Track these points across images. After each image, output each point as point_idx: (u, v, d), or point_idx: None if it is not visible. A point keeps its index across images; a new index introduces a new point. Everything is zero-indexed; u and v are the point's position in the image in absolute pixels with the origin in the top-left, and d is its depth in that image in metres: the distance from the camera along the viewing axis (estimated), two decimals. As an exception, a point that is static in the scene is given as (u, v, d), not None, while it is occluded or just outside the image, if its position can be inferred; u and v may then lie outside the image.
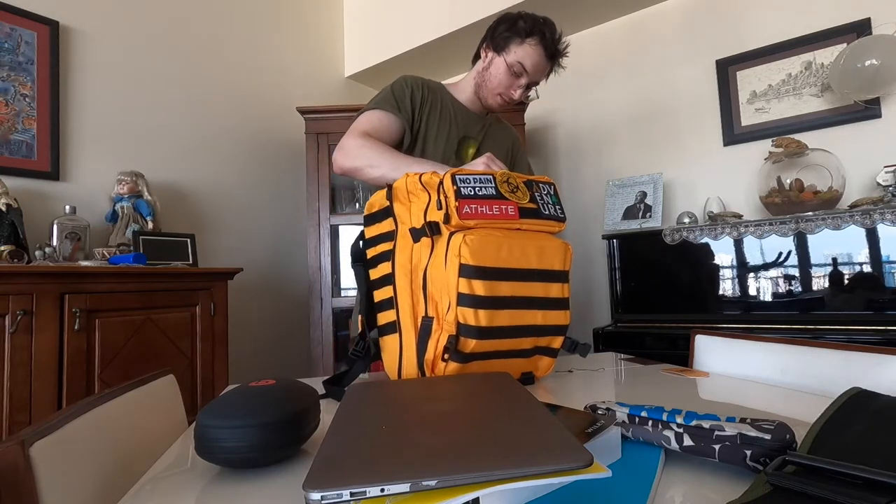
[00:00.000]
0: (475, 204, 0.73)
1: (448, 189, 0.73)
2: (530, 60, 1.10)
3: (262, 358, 2.49)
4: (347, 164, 1.02)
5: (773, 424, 0.42)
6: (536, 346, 0.78)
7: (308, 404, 0.53)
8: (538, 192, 0.81)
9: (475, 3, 2.47)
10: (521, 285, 0.73)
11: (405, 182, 0.78)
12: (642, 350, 1.89)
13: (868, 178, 1.86)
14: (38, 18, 1.82)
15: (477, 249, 0.69)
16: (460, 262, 0.69)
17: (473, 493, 0.31)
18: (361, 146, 1.01)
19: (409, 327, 0.75)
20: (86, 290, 1.47)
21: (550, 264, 0.77)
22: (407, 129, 1.10)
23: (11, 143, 1.73)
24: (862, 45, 1.79)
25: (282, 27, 2.74)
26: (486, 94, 1.16)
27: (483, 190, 0.75)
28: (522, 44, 1.09)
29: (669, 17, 2.38)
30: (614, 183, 2.33)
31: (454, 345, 0.69)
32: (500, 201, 0.75)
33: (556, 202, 0.83)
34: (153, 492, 0.47)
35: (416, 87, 1.13)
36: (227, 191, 2.41)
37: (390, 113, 1.08)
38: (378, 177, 0.98)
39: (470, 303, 0.69)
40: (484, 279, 0.69)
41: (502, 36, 1.11)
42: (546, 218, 0.80)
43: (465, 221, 0.71)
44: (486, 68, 1.14)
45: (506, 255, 0.72)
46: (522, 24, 1.09)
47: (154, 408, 0.76)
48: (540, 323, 0.76)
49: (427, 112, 1.13)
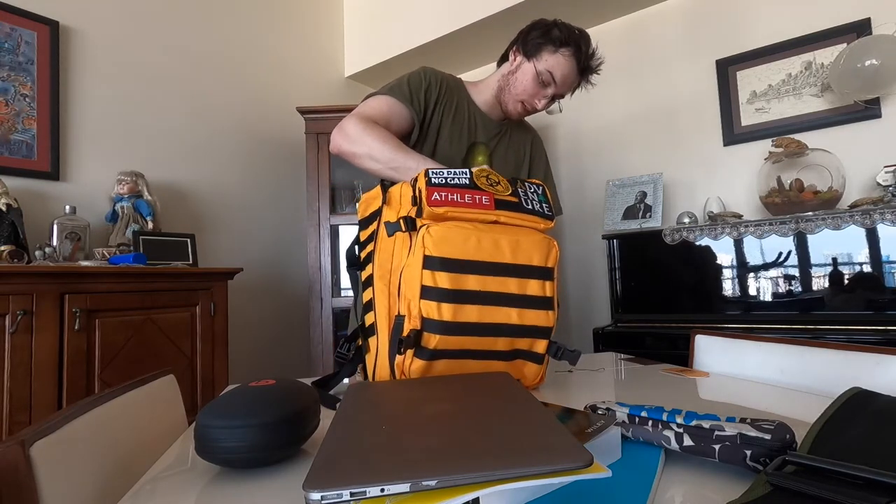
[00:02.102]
0: (445, 192, 0.70)
1: (421, 184, 0.71)
2: (561, 71, 1.04)
3: (262, 358, 2.49)
4: (346, 148, 0.96)
5: (773, 424, 0.42)
6: (515, 348, 0.73)
7: (308, 404, 0.53)
8: (523, 188, 0.78)
9: (475, 3, 2.47)
10: (491, 279, 0.69)
11: (400, 189, 0.76)
12: (642, 350, 1.88)
13: (868, 178, 1.86)
14: (38, 18, 1.82)
15: (440, 240, 0.66)
16: (424, 253, 0.66)
17: (473, 493, 0.31)
18: (364, 131, 0.95)
19: (384, 328, 0.72)
20: (86, 290, 1.47)
21: (528, 259, 0.72)
22: (417, 123, 1.05)
23: (11, 143, 1.73)
24: (862, 45, 1.79)
25: (282, 27, 2.74)
26: (508, 98, 1.10)
27: (456, 180, 0.73)
28: (555, 53, 1.04)
29: (669, 17, 2.38)
30: (614, 183, 2.33)
31: (416, 339, 0.65)
32: (474, 191, 0.73)
33: (544, 201, 0.79)
34: (153, 492, 0.47)
35: (434, 83, 1.07)
36: (227, 191, 2.41)
37: (401, 102, 1.02)
38: (374, 170, 0.94)
39: (433, 296, 0.66)
40: (448, 271, 0.66)
41: (535, 42, 1.05)
42: (528, 212, 0.76)
43: (434, 209, 0.69)
44: (513, 72, 1.09)
45: (474, 246, 0.68)
46: (557, 32, 1.04)
47: (154, 408, 0.76)
48: (515, 322, 0.71)
49: (442, 111, 1.08)
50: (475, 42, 2.68)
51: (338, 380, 0.80)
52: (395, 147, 0.93)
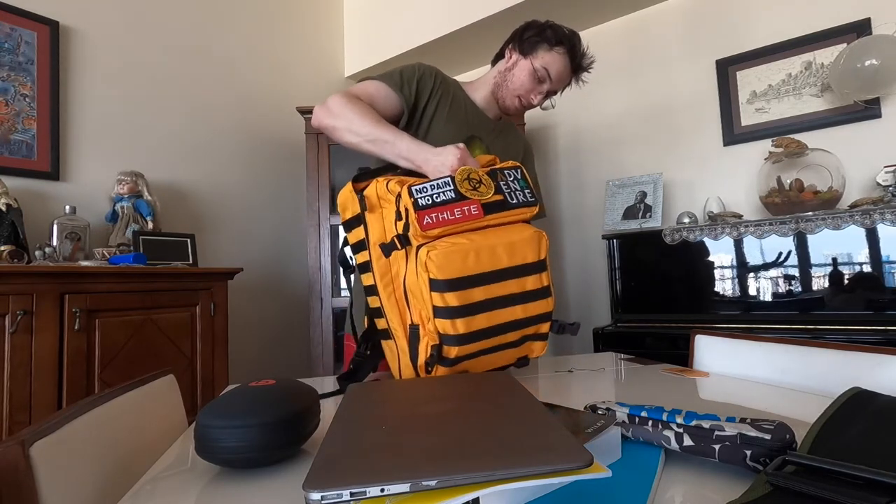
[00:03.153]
0: (435, 212, 0.72)
1: (406, 202, 0.72)
2: (556, 68, 1.09)
3: (262, 358, 2.49)
4: (327, 122, 0.96)
5: (773, 424, 0.42)
6: (524, 335, 0.78)
7: (308, 404, 0.53)
8: (503, 179, 0.80)
9: (475, 3, 2.47)
10: (494, 286, 0.73)
11: (375, 189, 0.78)
12: (642, 350, 1.88)
13: (868, 178, 1.86)
14: (38, 18, 1.82)
15: (442, 264, 0.69)
16: (429, 276, 0.69)
17: (473, 493, 0.31)
18: (346, 105, 0.94)
19: (401, 334, 0.77)
20: (86, 290, 1.47)
21: (523, 258, 0.75)
22: (406, 110, 1.04)
23: (11, 143, 1.73)
24: (862, 45, 1.79)
25: (282, 27, 2.74)
26: (506, 94, 1.13)
27: (441, 196, 0.74)
28: (551, 50, 1.08)
29: (669, 17, 2.38)
30: (614, 183, 2.33)
31: (438, 352, 0.71)
32: (461, 203, 0.74)
33: (525, 186, 0.81)
34: (153, 492, 0.47)
35: (429, 76, 1.08)
36: (227, 191, 2.41)
37: (390, 87, 1.03)
38: (353, 143, 0.94)
39: (446, 314, 0.69)
40: (455, 290, 0.69)
41: (531, 40, 1.10)
42: (514, 207, 0.78)
43: (428, 232, 0.71)
44: (510, 69, 1.12)
45: (473, 262, 0.71)
46: (551, 32, 1.09)
47: (154, 408, 0.76)
48: (521, 317, 0.75)
49: (437, 101, 1.09)
50: (475, 42, 2.68)
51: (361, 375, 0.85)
52: (375, 121, 0.93)
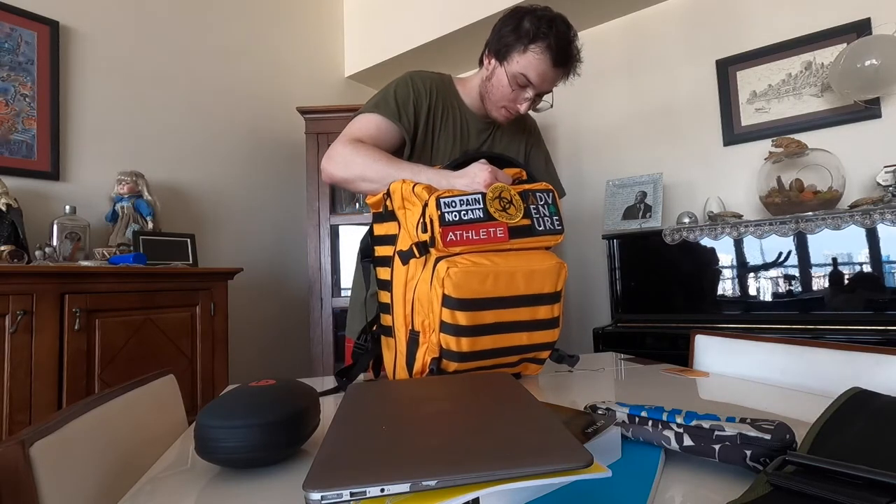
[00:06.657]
0: (460, 230, 0.71)
1: (432, 213, 0.71)
2: (534, 71, 0.97)
3: (262, 358, 2.49)
4: (338, 175, 0.94)
5: (773, 424, 0.42)
6: (523, 359, 0.79)
7: (308, 404, 0.53)
8: (534, 203, 0.78)
9: (475, 4, 2.46)
10: (506, 311, 0.72)
11: (401, 187, 0.77)
12: (642, 350, 1.88)
13: (868, 178, 1.86)
14: (38, 18, 1.82)
15: (461, 283, 0.68)
16: (444, 292, 0.68)
17: (473, 493, 0.31)
18: (350, 154, 0.92)
19: (402, 336, 0.76)
20: (86, 290, 1.47)
21: (540, 288, 0.74)
22: (407, 139, 1.01)
23: (11, 143, 1.73)
24: (862, 45, 1.79)
25: (282, 27, 2.74)
26: (490, 106, 1.05)
27: (469, 213, 0.72)
28: (525, 52, 0.96)
29: (669, 17, 2.38)
30: (614, 183, 2.33)
31: (437, 366, 0.71)
32: (488, 224, 0.72)
33: (555, 212, 0.79)
34: (153, 492, 0.47)
35: (423, 91, 1.03)
36: (227, 191, 2.41)
37: (389, 119, 0.98)
38: (370, 191, 0.89)
39: (453, 331, 0.69)
40: (467, 310, 0.69)
41: (504, 42, 0.98)
42: (540, 234, 0.76)
43: (450, 248, 0.70)
44: (489, 78, 1.03)
45: (490, 285, 0.70)
46: (528, 25, 0.95)
47: (154, 408, 0.76)
48: (525, 343, 0.75)
49: (434, 121, 1.04)
50: (475, 42, 2.66)
51: (358, 369, 0.84)
52: (387, 162, 0.88)
